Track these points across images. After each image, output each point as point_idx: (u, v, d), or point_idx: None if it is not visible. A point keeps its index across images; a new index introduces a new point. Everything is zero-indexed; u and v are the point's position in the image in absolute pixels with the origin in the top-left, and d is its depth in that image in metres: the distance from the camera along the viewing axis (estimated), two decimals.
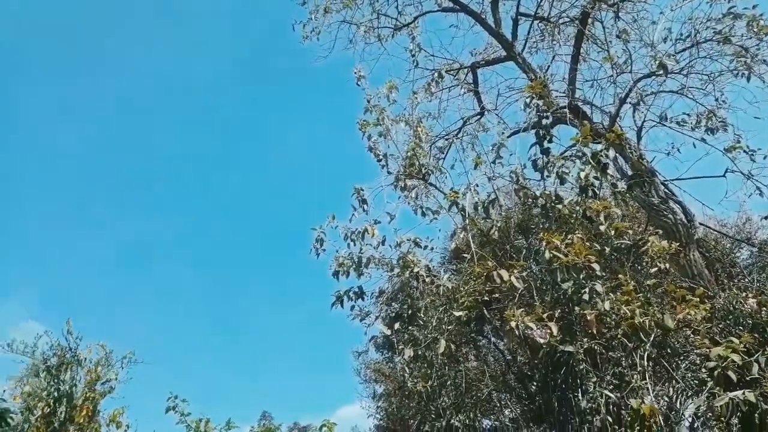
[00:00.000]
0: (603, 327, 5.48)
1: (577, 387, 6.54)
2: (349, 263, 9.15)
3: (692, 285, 6.99)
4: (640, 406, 4.56)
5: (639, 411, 4.57)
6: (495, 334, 8.54)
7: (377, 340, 13.03)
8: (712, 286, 7.97)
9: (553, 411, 6.68)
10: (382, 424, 13.14)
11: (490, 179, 8.27)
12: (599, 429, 5.68)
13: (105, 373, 12.35)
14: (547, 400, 7.21)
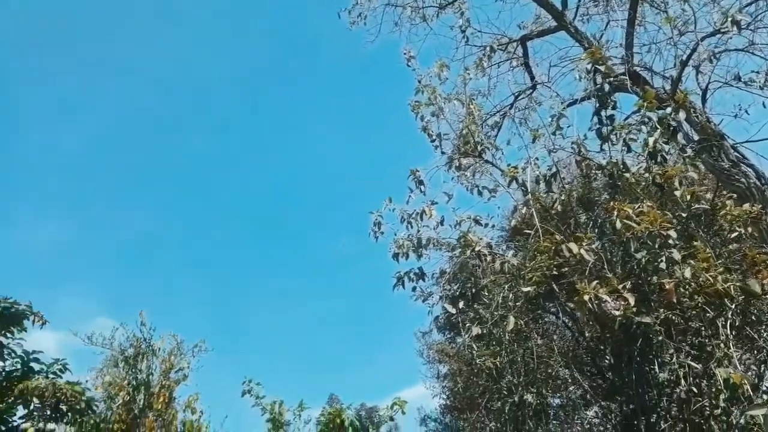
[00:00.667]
0: (681, 296, 5.29)
1: (654, 359, 6.40)
2: (408, 245, 9.18)
3: None
4: (729, 375, 4.39)
5: (729, 380, 4.40)
6: (563, 309, 8.38)
7: (439, 321, 13.07)
8: None
9: (630, 385, 6.54)
10: (448, 403, 13.21)
11: (550, 152, 8.10)
12: (682, 401, 5.53)
13: (178, 362, 12.92)
14: (621, 375, 7.07)
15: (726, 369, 4.50)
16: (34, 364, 9.83)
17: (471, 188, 9.97)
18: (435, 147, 9.74)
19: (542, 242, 6.92)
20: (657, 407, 6.23)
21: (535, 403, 6.98)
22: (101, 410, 11.82)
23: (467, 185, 10.18)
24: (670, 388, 6.27)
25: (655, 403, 6.31)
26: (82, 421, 10.89)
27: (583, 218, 9.15)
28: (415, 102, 9.47)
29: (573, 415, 9.23)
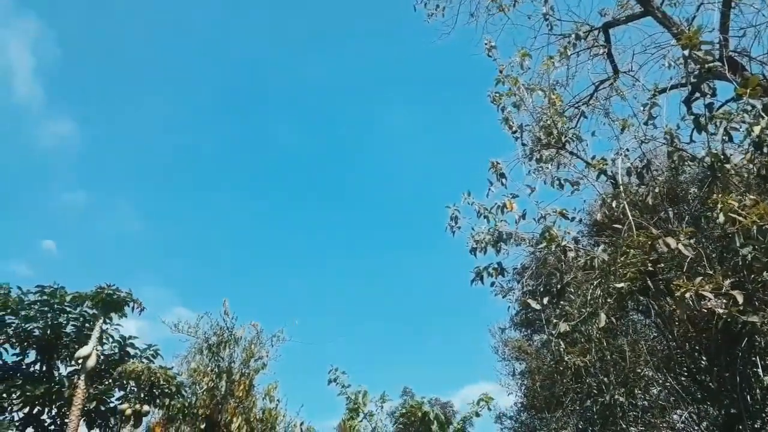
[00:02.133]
0: None
1: (758, 361, 6.05)
2: (486, 239, 9.06)
3: None
4: None
5: None
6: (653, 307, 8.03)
7: (516, 319, 12.89)
8: None
9: (731, 388, 6.20)
10: (525, 401, 12.98)
11: (642, 142, 7.76)
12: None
13: (258, 351, 13.38)
14: (719, 377, 6.72)
15: None
16: (130, 349, 10.42)
17: (552, 181, 9.69)
18: (515, 138, 9.54)
19: (636, 237, 6.65)
20: (762, 412, 5.89)
21: (626, 403, 6.75)
22: (187, 395, 12.39)
23: (548, 178, 9.91)
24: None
25: (760, 407, 5.96)
26: (171, 404, 11.47)
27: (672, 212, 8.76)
28: (495, 93, 9.31)
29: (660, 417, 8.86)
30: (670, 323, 8.56)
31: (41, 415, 10.36)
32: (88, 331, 9.80)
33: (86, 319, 10.13)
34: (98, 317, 8.93)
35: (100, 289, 8.76)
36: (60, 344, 10.26)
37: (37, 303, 9.93)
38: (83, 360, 8.36)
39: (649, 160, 8.01)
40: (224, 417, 12.19)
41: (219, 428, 11.99)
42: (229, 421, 11.83)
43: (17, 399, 9.94)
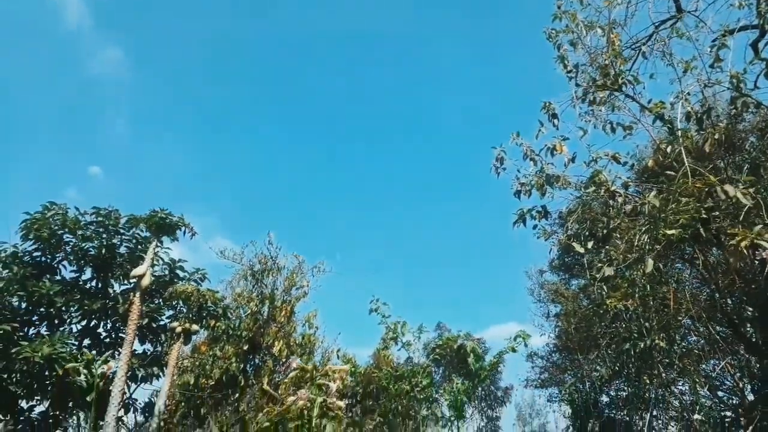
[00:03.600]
0: None
1: None
2: (533, 182, 8.99)
3: None
4: None
5: None
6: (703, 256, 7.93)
7: (555, 263, 12.91)
8: None
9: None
10: (557, 343, 13.19)
11: (705, 86, 7.44)
12: None
13: (299, 280, 13.82)
14: (766, 328, 6.69)
15: None
16: (179, 271, 10.90)
17: (604, 125, 9.43)
18: (569, 78, 9.24)
19: (692, 183, 6.51)
20: None
21: (666, 348, 6.81)
22: (232, 318, 12.97)
23: (600, 122, 9.65)
24: None
25: None
26: (216, 325, 12.06)
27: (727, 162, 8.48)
28: (551, 30, 8.97)
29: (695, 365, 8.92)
30: (716, 273, 8.48)
31: (97, 329, 11.06)
32: (140, 252, 10.27)
33: (139, 241, 10.58)
34: (151, 240, 9.31)
35: (154, 212, 9.09)
36: (114, 264, 10.78)
37: (93, 224, 10.40)
38: (138, 279, 8.79)
39: (710, 105, 7.71)
40: (266, 340, 12.76)
41: (261, 350, 12.60)
42: (271, 344, 12.39)
43: (76, 312, 10.61)
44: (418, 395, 7.97)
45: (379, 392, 10.18)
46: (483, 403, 11.40)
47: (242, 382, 12.28)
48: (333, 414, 7.19)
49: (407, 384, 8.13)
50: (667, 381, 6.66)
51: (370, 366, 11.97)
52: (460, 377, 7.72)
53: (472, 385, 7.52)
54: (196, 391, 11.92)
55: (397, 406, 8.32)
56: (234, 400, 11.54)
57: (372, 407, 10.63)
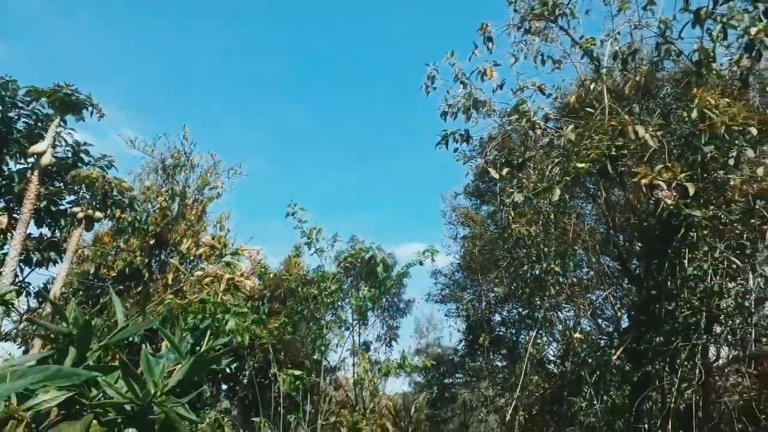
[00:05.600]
0: (744, 194, 5.28)
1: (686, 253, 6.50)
2: (460, 104, 9.03)
3: None
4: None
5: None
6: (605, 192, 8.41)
7: (469, 188, 13.28)
8: None
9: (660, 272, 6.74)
10: (462, 263, 13.85)
11: (635, 27, 7.62)
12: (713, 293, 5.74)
13: (213, 180, 13.42)
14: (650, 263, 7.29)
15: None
16: (84, 155, 10.20)
17: (536, 56, 9.50)
18: (509, 3, 9.17)
19: (608, 121, 6.78)
20: (678, 297, 6.47)
21: (559, 272, 7.29)
22: (139, 211, 12.49)
23: (533, 52, 9.71)
24: (695, 282, 6.46)
25: (676, 293, 6.54)
26: (122, 217, 11.57)
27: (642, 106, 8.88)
28: None
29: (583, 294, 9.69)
30: (614, 211, 9.07)
31: None
32: (41, 130, 9.45)
33: (39, 117, 9.69)
34: (53, 117, 8.55)
35: (58, 87, 8.26)
36: (10, 139, 9.89)
37: None
38: (37, 156, 8.13)
39: (636, 48, 7.94)
40: (174, 237, 12.45)
41: (167, 246, 12.31)
42: (179, 242, 12.12)
43: None
44: (325, 300, 8.14)
45: (287, 295, 10.33)
46: (386, 312, 11.97)
47: (146, 276, 12.05)
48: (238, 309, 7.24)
49: (315, 288, 8.27)
50: (556, 304, 7.19)
51: (280, 270, 12.07)
52: (367, 285, 7.95)
53: (378, 293, 7.78)
54: (96, 281, 11.57)
55: (303, 309, 8.48)
56: (136, 293, 11.33)
57: (279, 309, 10.80)
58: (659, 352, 5.64)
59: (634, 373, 6.13)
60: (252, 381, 8.55)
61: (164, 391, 2.04)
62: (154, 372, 2.11)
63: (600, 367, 6.24)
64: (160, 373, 2.12)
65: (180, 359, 2.30)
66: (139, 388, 1.98)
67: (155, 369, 2.13)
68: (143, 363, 2.10)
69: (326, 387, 8.65)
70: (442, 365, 12.06)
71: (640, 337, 6.16)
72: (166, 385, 2.05)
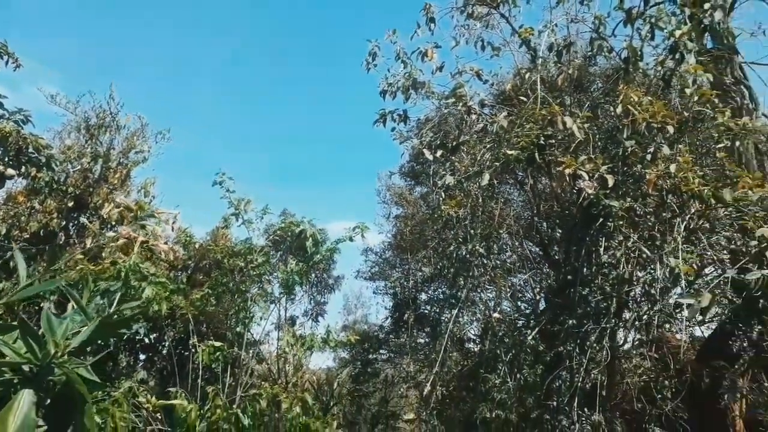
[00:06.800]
0: (658, 189, 5.59)
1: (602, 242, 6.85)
2: (400, 83, 9.04)
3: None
4: (678, 265, 4.83)
5: (674, 270, 4.85)
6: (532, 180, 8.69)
7: (405, 168, 13.39)
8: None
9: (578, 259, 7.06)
10: (392, 242, 14.02)
11: (572, 21, 7.85)
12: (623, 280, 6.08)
13: (140, 144, 12.82)
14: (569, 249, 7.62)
15: (676, 260, 4.93)
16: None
17: (476, 41, 9.62)
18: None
19: (538, 111, 6.97)
20: (592, 282, 6.81)
21: (483, 253, 7.49)
22: (57, 171, 11.79)
23: (473, 37, 9.83)
24: (609, 269, 6.82)
25: (591, 278, 6.88)
26: (38, 176, 10.90)
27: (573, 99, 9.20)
28: None
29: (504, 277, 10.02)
30: (540, 199, 9.40)
31: None
32: None
33: None
34: None
35: None
36: None
37: None
38: None
39: (572, 41, 8.19)
40: (95, 200, 11.87)
41: (87, 210, 11.71)
42: (100, 205, 11.56)
43: None
44: (251, 272, 8.02)
45: (213, 267, 10.11)
46: (314, 288, 11.95)
47: (62, 240, 11.44)
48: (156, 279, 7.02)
49: (241, 261, 8.12)
50: (478, 284, 7.41)
51: (206, 241, 11.77)
52: (295, 260, 7.89)
53: (306, 268, 7.73)
54: (6, 242, 10.87)
55: (228, 281, 8.32)
56: (50, 256, 10.74)
57: (204, 281, 10.56)
58: (571, 334, 5.93)
59: (547, 353, 6.44)
60: (171, 352, 8.33)
61: (65, 352, 1.95)
62: (56, 332, 2.01)
63: (515, 346, 6.52)
64: (63, 334, 2.02)
65: (87, 322, 2.20)
66: (39, 348, 1.89)
67: (57, 329, 2.03)
68: (44, 322, 2.00)
69: (249, 360, 8.55)
70: (367, 341, 12.21)
71: (555, 319, 6.47)
72: (67, 346, 1.96)
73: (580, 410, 5.54)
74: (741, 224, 5.76)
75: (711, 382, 6.65)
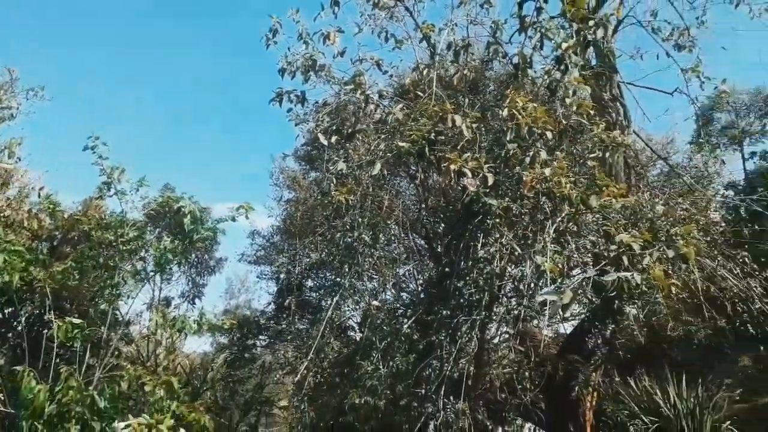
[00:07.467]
0: (533, 191, 5.88)
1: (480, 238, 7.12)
2: (299, 63, 8.83)
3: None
4: (544, 263, 5.11)
5: (541, 267, 5.13)
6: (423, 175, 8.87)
7: (300, 151, 13.16)
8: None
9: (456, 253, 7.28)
10: (281, 226, 13.74)
11: (471, 22, 8.06)
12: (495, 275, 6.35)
13: (7, 99, 11.56)
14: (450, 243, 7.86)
15: (543, 258, 5.21)
16: None
17: (380, 32, 9.64)
18: None
19: (431, 107, 7.10)
20: (468, 276, 7.06)
21: (369, 242, 7.53)
22: None
23: (378, 27, 9.83)
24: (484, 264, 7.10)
25: (466, 271, 7.13)
26: None
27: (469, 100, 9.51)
28: None
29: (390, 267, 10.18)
30: (429, 193, 9.62)
31: None
32: None
33: None
34: None
35: None
36: None
37: None
38: None
39: (470, 42, 8.42)
40: None
41: None
42: None
43: None
44: (122, 247, 7.48)
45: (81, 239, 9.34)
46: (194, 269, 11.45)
47: None
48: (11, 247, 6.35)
49: (112, 234, 7.56)
50: (361, 272, 7.44)
51: (76, 211, 10.87)
52: (171, 237, 7.46)
53: (182, 246, 7.33)
54: None
55: (96, 255, 7.72)
56: None
57: (69, 254, 9.73)
58: (444, 324, 6.12)
59: (420, 342, 6.59)
60: (25, 329, 7.60)
61: None
62: None
63: (391, 334, 6.62)
64: None
65: None
66: None
67: None
68: None
69: (115, 340, 8.00)
70: (246, 326, 11.90)
71: (430, 309, 6.63)
72: None
73: (446, 398, 5.73)
74: (605, 230, 6.24)
75: (565, 375, 7.16)
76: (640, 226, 6.49)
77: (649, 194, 7.85)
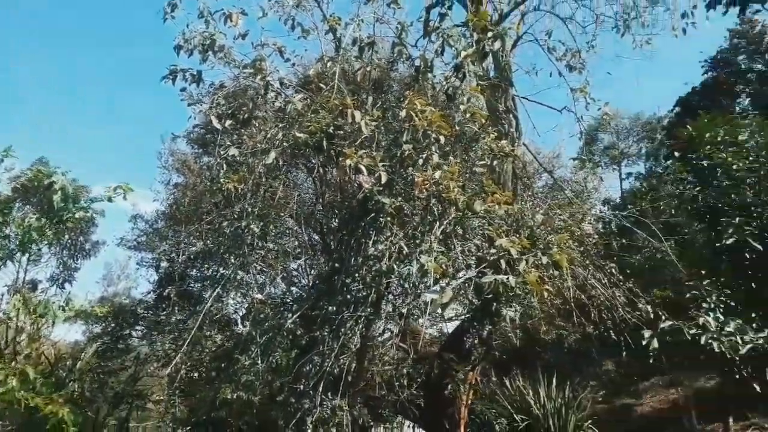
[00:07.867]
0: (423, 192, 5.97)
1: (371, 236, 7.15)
2: (197, 41, 8.41)
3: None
4: (428, 262, 5.20)
5: (424, 266, 5.22)
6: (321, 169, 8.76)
7: (193, 134, 12.50)
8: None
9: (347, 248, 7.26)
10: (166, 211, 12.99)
11: (378, 20, 8.06)
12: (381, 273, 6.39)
13: None
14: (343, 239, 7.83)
15: (428, 258, 5.30)
16: None
17: (287, 19, 9.41)
18: None
19: (333, 99, 7.02)
20: (357, 273, 7.06)
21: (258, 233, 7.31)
22: None
23: (285, 15, 9.59)
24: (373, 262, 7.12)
25: (356, 267, 7.13)
26: None
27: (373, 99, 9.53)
28: None
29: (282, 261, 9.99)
30: (326, 187, 9.54)
31: None
32: None
33: None
34: None
35: None
36: None
37: None
38: None
39: (375, 40, 8.41)
40: None
41: None
42: None
43: None
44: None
45: None
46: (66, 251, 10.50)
47: None
48: None
49: None
50: (247, 263, 7.21)
51: None
52: (37, 214, 6.80)
53: (49, 225, 6.70)
54: None
55: None
56: None
57: None
58: (328, 320, 6.07)
59: (303, 338, 6.50)
60: None
61: None
62: None
63: (273, 329, 6.46)
64: None
65: None
66: None
67: None
68: None
69: None
70: (122, 315, 11.14)
71: (316, 304, 6.56)
72: None
73: (324, 395, 5.67)
74: (488, 234, 6.47)
75: (441, 373, 7.37)
76: (521, 233, 6.82)
77: (532, 203, 8.27)
